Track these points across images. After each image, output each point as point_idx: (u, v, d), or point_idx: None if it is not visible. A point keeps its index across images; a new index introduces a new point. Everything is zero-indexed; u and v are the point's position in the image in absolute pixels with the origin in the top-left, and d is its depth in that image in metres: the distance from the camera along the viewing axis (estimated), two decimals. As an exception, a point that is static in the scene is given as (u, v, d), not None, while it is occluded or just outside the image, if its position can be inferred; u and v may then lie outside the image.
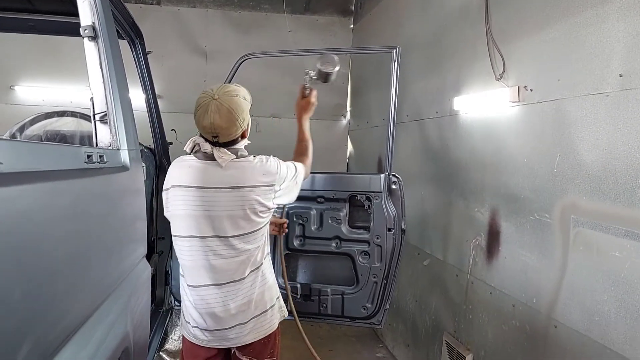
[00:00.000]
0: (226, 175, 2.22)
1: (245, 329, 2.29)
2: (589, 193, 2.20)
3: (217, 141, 2.23)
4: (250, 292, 2.28)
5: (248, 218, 2.23)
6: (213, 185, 2.20)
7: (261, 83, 5.72)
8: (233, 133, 2.25)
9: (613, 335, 2.05)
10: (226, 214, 2.20)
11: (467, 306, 3.27)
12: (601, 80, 2.13)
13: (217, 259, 2.22)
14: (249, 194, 2.22)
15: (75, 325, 1.21)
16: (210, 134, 2.21)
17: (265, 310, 2.33)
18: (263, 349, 2.37)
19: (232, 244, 2.22)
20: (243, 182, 2.23)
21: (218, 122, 2.19)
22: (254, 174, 2.26)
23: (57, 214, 1.11)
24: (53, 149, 1.28)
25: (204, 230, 2.20)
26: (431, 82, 3.86)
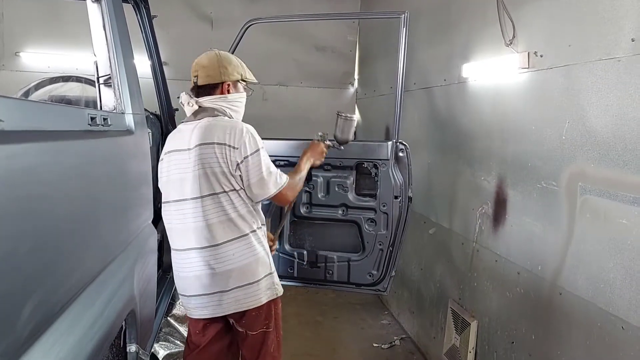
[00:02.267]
0: (196, 133, 2.26)
1: (227, 298, 2.30)
2: (597, 160, 2.18)
3: (195, 82, 2.33)
4: (232, 261, 2.27)
5: (214, 177, 2.23)
6: (186, 146, 2.27)
7: (268, 51, 5.67)
8: (212, 75, 2.33)
9: (618, 302, 2.05)
10: (194, 174, 2.24)
11: (472, 274, 3.28)
12: (613, 45, 2.09)
13: (195, 222, 2.25)
14: (210, 151, 2.22)
15: (80, 286, 1.22)
16: (193, 75, 2.35)
17: (251, 283, 2.31)
18: (255, 320, 2.39)
19: (205, 205, 2.24)
20: (207, 139, 2.24)
21: (202, 60, 2.36)
22: (218, 132, 2.26)
23: (60, 174, 1.11)
24: (56, 109, 1.27)
25: (182, 192, 2.26)
26: (439, 49, 3.80)
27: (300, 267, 3.24)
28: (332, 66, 5.98)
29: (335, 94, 6.06)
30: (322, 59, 5.93)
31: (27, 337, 0.96)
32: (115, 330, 1.45)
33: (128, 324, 1.65)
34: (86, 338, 1.19)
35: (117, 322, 1.46)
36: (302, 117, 5.80)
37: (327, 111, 6.00)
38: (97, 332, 1.26)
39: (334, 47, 5.96)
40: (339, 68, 6.00)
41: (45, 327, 1.04)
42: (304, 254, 3.24)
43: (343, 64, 6.01)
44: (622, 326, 2.02)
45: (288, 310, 4.74)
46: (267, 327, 2.42)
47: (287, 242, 3.27)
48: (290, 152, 3.16)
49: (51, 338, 1.05)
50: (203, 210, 2.25)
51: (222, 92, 2.38)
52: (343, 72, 6.03)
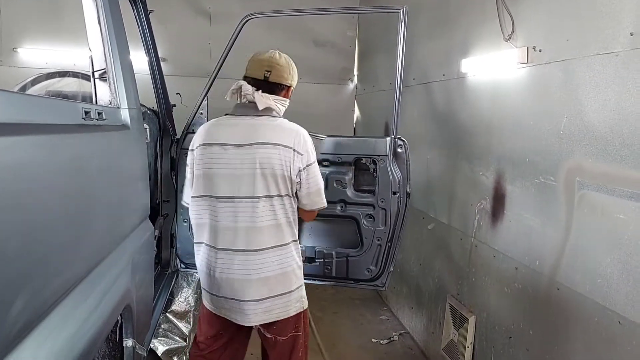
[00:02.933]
0: (257, 131, 2.19)
1: (258, 308, 2.23)
2: (595, 155, 2.17)
3: (267, 77, 2.24)
4: (271, 268, 2.21)
5: (273, 179, 2.18)
6: (242, 142, 2.18)
7: (266, 46, 5.55)
8: (285, 76, 2.31)
9: (615, 297, 2.05)
10: (251, 172, 2.16)
11: (470, 269, 3.28)
12: (611, 40, 2.08)
13: (242, 223, 2.17)
14: (274, 152, 2.17)
15: (74, 280, 1.22)
16: (264, 68, 2.25)
17: (283, 294, 2.26)
18: (285, 326, 2.34)
19: (258, 207, 2.17)
20: (272, 139, 2.18)
21: (278, 59, 2.29)
22: (284, 134, 2.21)
23: (54, 167, 1.11)
24: (49, 103, 1.26)
25: (230, 189, 2.16)
26: (439, 44, 3.79)
27: None
28: (332, 62, 5.97)
29: (334, 90, 6.05)
30: (321, 54, 5.91)
31: (18, 331, 0.96)
32: (110, 325, 1.44)
33: (124, 318, 1.65)
34: (80, 332, 1.19)
35: (112, 316, 1.45)
36: (302, 113, 5.75)
37: (326, 107, 6.02)
38: (92, 326, 1.25)
39: (333, 43, 5.94)
40: (338, 64, 5.98)
41: (38, 321, 1.04)
42: (302, 249, 3.23)
43: (342, 60, 5.99)
44: (619, 321, 2.02)
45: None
46: (296, 330, 2.38)
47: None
48: None
49: (44, 332, 1.05)
50: (255, 211, 2.17)
51: (286, 96, 2.36)
52: (342, 67, 6.02)
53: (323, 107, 5.96)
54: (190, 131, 3.27)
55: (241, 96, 2.26)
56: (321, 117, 5.84)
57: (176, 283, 3.61)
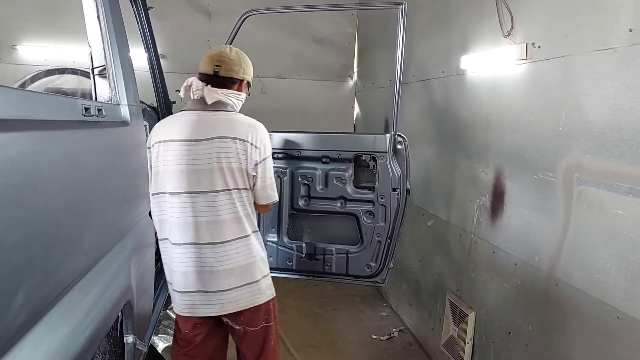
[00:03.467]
0: (212, 126, 2.22)
1: (226, 297, 2.28)
2: (593, 151, 2.18)
3: (217, 72, 2.25)
4: (235, 259, 2.26)
5: (230, 173, 2.21)
6: (198, 137, 2.20)
7: (266, 43, 5.65)
8: (235, 69, 2.30)
9: (613, 293, 2.06)
10: (209, 167, 2.19)
11: (469, 265, 3.29)
12: (610, 35, 2.08)
13: (203, 217, 2.21)
14: (232, 146, 2.19)
15: (74, 276, 1.22)
16: (213, 63, 2.27)
17: (250, 283, 2.31)
18: (254, 317, 2.37)
19: (218, 200, 2.21)
20: (228, 133, 2.21)
21: (228, 53, 2.29)
22: (241, 128, 2.24)
23: (54, 163, 1.11)
24: (49, 99, 1.27)
25: (188, 185, 2.19)
26: (438, 41, 3.79)
27: (299, 260, 3.24)
28: (331, 59, 5.96)
29: (334, 87, 6.04)
30: (321, 51, 5.91)
31: (20, 326, 0.96)
32: (110, 321, 1.45)
33: (125, 314, 1.65)
34: (80, 328, 1.19)
35: (113, 312, 1.46)
36: (301, 110, 5.79)
37: (326, 104, 6.03)
38: (92, 322, 1.26)
39: (333, 40, 5.93)
40: (337, 60, 5.98)
41: (38, 317, 1.04)
42: (302, 246, 3.24)
43: (342, 57, 5.99)
44: (618, 316, 2.03)
45: (288, 302, 4.77)
46: (266, 321, 2.41)
47: (286, 234, 3.27)
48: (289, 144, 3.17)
49: (44, 328, 1.05)
50: (215, 205, 2.21)
51: (239, 89, 2.36)
52: (342, 64, 6.01)
53: (323, 104, 5.96)
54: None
55: (193, 92, 2.28)
56: (321, 114, 5.85)
57: (176, 280, 3.61)
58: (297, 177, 3.20)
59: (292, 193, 3.21)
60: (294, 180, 3.20)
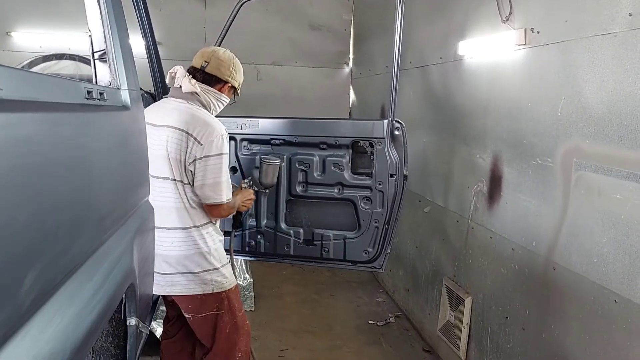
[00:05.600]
0: (170, 113, 2.30)
1: (163, 281, 2.37)
2: (592, 136, 2.19)
3: (204, 67, 2.34)
4: (168, 249, 2.34)
5: (175, 163, 2.27)
6: (158, 123, 2.29)
7: (262, 30, 5.63)
8: (222, 70, 2.38)
9: (611, 276, 2.08)
10: (160, 153, 2.26)
11: (467, 251, 3.31)
12: (610, 20, 2.08)
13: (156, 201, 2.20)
14: (177, 136, 2.26)
15: (80, 258, 1.22)
16: (203, 58, 2.36)
17: (183, 273, 2.38)
18: (201, 305, 2.44)
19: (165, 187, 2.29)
20: (179, 124, 2.27)
21: (220, 53, 2.39)
22: (192, 121, 2.28)
23: (57, 145, 1.11)
24: (53, 81, 1.26)
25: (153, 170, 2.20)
26: (436, 27, 3.78)
27: (296, 245, 3.25)
28: (327, 45, 5.95)
29: (330, 74, 6.04)
30: (317, 38, 5.89)
31: (27, 308, 0.97)
32: (115, 303, 1.46)
33: (128, 297, 1.66)
34: (86, 309, 1.20)
35: (117, 294, 1.47)
36: (297, 97, 5.78)
37: (322, 91, 6.02)
38: (97, 304, 1.26)
39: (329, 26, 5.92)
40: (333, 47, 5.97)
41: (46, 298, 1.05)
42: (300, 232, 3.25)
43: (338, 43, 5.98)
44: (615, 299, 2.05)
45: (285, 288, 4.80)
46: (217, 309, 2.47)
47: (284, 220, 3.28)
48: (287, 131, 3.16)
49: (51, 309, 1.05)
50: (163, 192, 2.30)
51: (220, 90, 2.42)
52: (338, 51, 6.00)
53: (318, 91, 5.95)
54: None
55: (174, 80, 2.38)
56: (317, 101, 5.84)
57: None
58: (295, 163, 3.20)
59: (290, 179, 3.21)
60: (292, 166, 3.20)
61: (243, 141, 3.22)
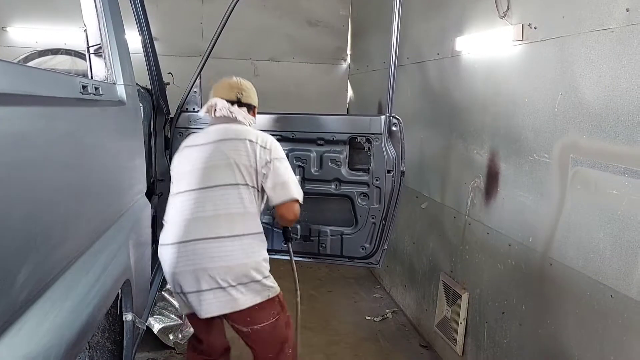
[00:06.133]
0: (227, 131, 2.46)
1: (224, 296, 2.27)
2: (589, 131, 2.19)
3: (240, 99, 2.58)
4: (234, 257, 2.26)
5: (244, 169, 2.34)
6: (214, 139, 2.41)
7: (259, 25, 5.61)
8: (253, 97, 2.68)
9: (608, 272, 2.08)
10: (220, 163, 2.34)
11: (463, 247, 3.31)
12: (607, 16, 2.08)
13: (214, 211, 2.28)
14: (241, 145, 2.37)
15: (75, 253, 1.22)
16: (235, 92, 2.59)
17: (248, 283, 2.30)
18: (261, 314, 2.37)
19: (228, 194, 2.31)
20: (239, 135, 2.42)
21: (244, 83, 2.65)
22: (251, 133, 2.48)
23: (52, 139, 1.10)
24: (48, 75, 1.26)
25: (199, 182, 2.32)
26: (433, 23, 3.78)
27: (293, 241, 3.25)
28: (325, 41, 5.93)
29: (327, 70, 6.02)
30: (315, 34, 5.87)
31: (22, 302, 0.97)
32: (111, 298, 1.45)
33: (124, 292, 1.66)
34: (82, 304, 1.20)
35: (113, 289, 1.46)
36: (294, 93, 5.77)
37: (319, 87, 6.00)
38: (93, 298, 1.26)
39: (327, 22, 5.90)
40: (331, 43, 5.95)
41: (41, 293, 1.04)
42: (297, 228, 3.24)
43: (335, 39, 5.96)
44: (611, 295, 2.06)
45: (282, 284, 4.74)
46: (276, 314, 2.44)
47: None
48: (284, 127, 3.16)
49: (47, 303, 1.05)
50: (226, 199, 2.31)
51: (252, 114, 2.68)
52: (335, 47, 5.99)
53: (316, 87, 5.94)
54: (184, 110, 3.26)
55: (216, 111, 2.52)
56: (314, 97, 5.83)
57: (171, 262, 3.61)
58: (292, 159, 3.19)
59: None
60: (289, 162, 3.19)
61: (240, 137, 3.22)
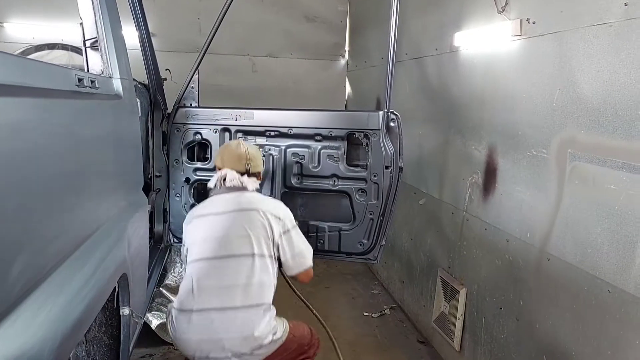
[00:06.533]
0: (243, 200, 2.46)
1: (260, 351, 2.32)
2: (587, 127, 2.18)
3: (248, 170, 2.57)
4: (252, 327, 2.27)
5: (257, 240, 2.35)
6: (230, 209, 2.43)
7: (257, 21, 5.60)
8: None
9: (605, 267, 2.08)
10: (237, 233, 2.35)
11: (461, 243, 3.31)
12: (605, 10, 2.08)
13: (230, 281, 2.29)
14: (260, 216, 2.39)
15: (70, 246, 1.21)
16: (244, 163, 2.56)
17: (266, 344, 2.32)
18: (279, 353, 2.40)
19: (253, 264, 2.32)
20: (255, 205, 2.44)
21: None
22: (266, 201, 2.54)
23: (49, 131, 1.10)
24: (43, 67, 1.25)
25: (214, 251, 2.33)
26: (431, 18, 3.77)
27: None
28: (323, 37, 5.92)
29: (325, 66, 6.01)
30: (313, 29, 5.86)
31: (16, 295, 0.96)
32: (107, 292, 1.45)
33: (121, 287, 1.65)
34: (77, 298, 1.19)
35: (109, 284, 1.46)
36: (292, 89, 5.76)
37: (317, 83, 5.99)
38: (89, 293, 1.26)
39: (325, 18, 5.89)
40: (329, 39, 5.94)
41: (36, 286, 1.04)
42: (295, 224, 3.24)
43: (334, 35, 5.94)
44: (609, 290, 2.06)
45: (279, 280, 4.77)
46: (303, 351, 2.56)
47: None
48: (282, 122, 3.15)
49: (42, 296, 1.05)
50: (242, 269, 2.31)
51: (258, 179, 2.68)
52: (333, 43, 5.97)
53: (314, 83, 5.93)
54: (181, 105, 3.25)
55: (227, 181, 2.53)
56: (312, 93, 5.82)
57: (169, 258, 3.61)
58: (290, 155, 3.19)
59: (285, 171, 3.20)
60: (286, 158, 3.19)
61: (238, 133, 3.22)
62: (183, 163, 3.27)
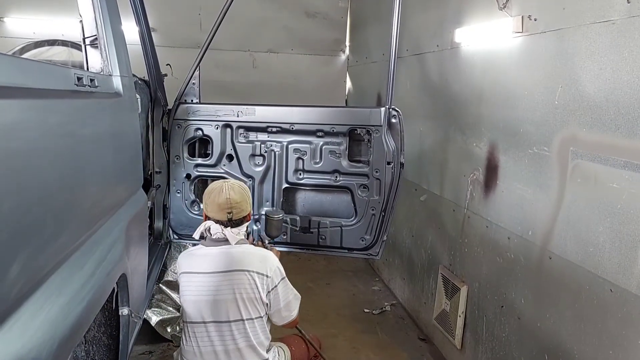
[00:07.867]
0: (231, 259, 2.37)
1: None
2: (589, 124, 2.17)
3: (230, 218, 2.41)
4: None
5: (249, 302, 2.34)
6: (216, 270, 2.35)
7: (258, 17, 5.58)
8: (244, 209, 2.47)
9: (607, 265, 2.07)
10: (226, 297, 2.32)
11: (462, 240, 3.30)
12: (608, 8, 2.06)
13: (218, 346, 2.33)
14: (244, 277, 2.34)
15: (69, 247, 1.21)
16: (225, 211, 2.39)
17: None
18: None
19: (239, 329, 2.34)
20: (241, 265, 2.36)
21: (234, 196, 2.42)
22: (252, 259, 2.40)
23: (47, 132, 1.09)
24: (42, 67, 1.24)
25: (206, 315, 2.33)
26: (432, 14, 3.75)
27: (293, 233, 3.25)
28: (323, 33, 5.90)
29: (326, 62, 5.99)
30: (313, 25, 5.84)
31: (15, 297, 0.95)
32: (106, 293, 1.44)
33: (120, 287, 1.64)
34: (76, 299, 1.19)
35: (108, 284, 1.45)
36: (293, 85, 5.75)
37: (318, 79, 5.98)
38: (87, 293, 1.25)
39: (325, 14, 5.86)
40: (330, 35, 5.92)
41: (35, 287, 1.03)
42: (297, 219, 3.24)
43: (334, 31, 5.93)
44: (611, 289, 2.05)
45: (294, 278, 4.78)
46: None
47: (280, 208, 3.27)
48: (283, 118, 3.14)
49: (41, 298, 1.04)
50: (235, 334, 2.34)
51: (247, 220, 2.52)
52: (334, 39, 5.96)
53: (314, 78, 5.91)
54: (182, 102, 3.24)
55: (212, 234, 2.43)
56: (312, 89, 5.81)
57: (169, 254, 3.61)
58: (291, 151, 3.19)
59: (286, 167, 3.20)
60: (288, 154, 3.18)
61: (239, 129, 3.21)
62: (184, 159, 3.26)
